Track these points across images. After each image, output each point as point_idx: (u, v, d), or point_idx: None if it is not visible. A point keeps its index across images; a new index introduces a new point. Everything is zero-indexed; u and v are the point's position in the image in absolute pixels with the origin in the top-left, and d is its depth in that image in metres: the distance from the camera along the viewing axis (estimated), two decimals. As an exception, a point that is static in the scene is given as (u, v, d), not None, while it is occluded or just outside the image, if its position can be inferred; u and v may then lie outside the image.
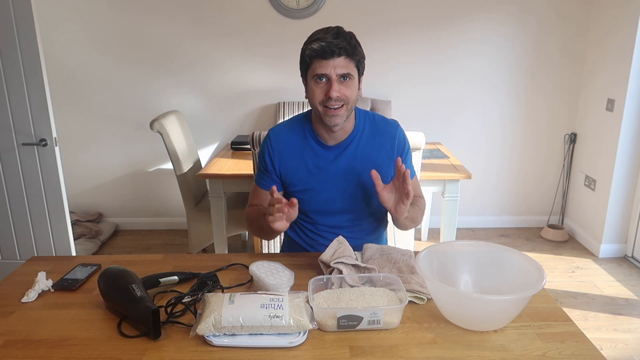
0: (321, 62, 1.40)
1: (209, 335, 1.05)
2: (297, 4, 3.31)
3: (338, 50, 1.37)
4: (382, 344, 1.06)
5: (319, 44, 1.38)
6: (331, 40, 1.38)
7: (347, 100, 1.43)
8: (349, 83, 1.43)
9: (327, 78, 1.41)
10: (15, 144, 2.49)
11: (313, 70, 1.42)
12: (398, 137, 1.58)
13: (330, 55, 1.38)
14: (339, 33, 1.40)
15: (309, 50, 1.40)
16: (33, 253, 2.66)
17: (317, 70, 1.41)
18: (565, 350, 1.05)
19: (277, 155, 1.57)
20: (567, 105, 3.57)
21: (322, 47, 1.38)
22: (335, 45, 1.37)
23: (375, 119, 1.60)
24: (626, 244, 3.30)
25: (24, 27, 2.32)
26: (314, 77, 1.42)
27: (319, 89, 1.43)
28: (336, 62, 1.39)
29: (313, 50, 1.39)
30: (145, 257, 1.50)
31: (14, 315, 1.18)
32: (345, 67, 1.40)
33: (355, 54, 1.42)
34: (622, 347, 2.33)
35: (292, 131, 1.58)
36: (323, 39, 1.38)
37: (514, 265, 1.19)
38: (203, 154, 3.63)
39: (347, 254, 1.32)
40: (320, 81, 1.42)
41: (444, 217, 2.69)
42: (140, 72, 3.46)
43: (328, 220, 1.60)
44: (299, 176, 1.56)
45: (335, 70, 1.39)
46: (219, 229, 2.73)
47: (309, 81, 1.45)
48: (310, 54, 1.40)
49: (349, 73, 1.41)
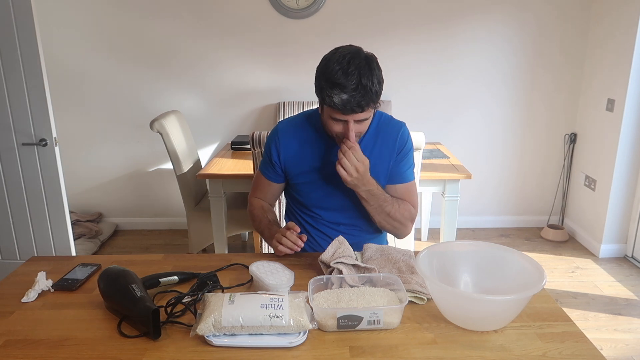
0: (340, 114, 1.37)
1: (209, 335, 1.05)
2: (297, 4, 3.31)
3: (359, 109, 1.35)
4: (382, 344, 1.06)
5: (339, 97, 1.32)
6: (352, 94, 1.32)
7: (361, 135, 1.47)
8: (366, 122, 1.44)
9: (345, 121, 1.40)
10: (15, 144, 2.49)
11: (330, 112, 1.39)
12: (400, 137, 1.58)
13: (351, 112, 1.36)
14: (360, 84, 1.32)
15: (328, 99, 1.35)
16: (33, 253, 2.65)
17: (335, 116, 1.39)
18: (565, 350, 1.04)
19: (284, 148, 1.58)
20: (567, 105, 3.57)
21: (343, 103, 1.33)
22: (357, 103, 1.33)
23: (382, 118, 1.60)
24: (626, 244, 3.30)
25: (24, 27, 2.32)
26: (331, 117, 1.40)
27: (336, 126, 1.42)
28: (356, 116, 1.38)
29: (333, 103, 1.34)
30: (145, 257, 1.50)
31: (13, 315, 1.18)
32: (364, 115, 1.39)
33: (375, 102, 1.38)
34: (622, 347, 2.33)
35: (301, 125, 1.59)
36: (344, 88, 1.32)
37: (514, 265, 1.19)
38: (203, 154, 3.63)
39: (347, 254, 1.32)
40: (337, 120, 1.41)
41: (444, 217, 2.69)
42: (141, 72, 3.46)
43: (328, 215, 1.61)
44: (303, 168, 1.57)
45: (353, 118, 1.38)
46: (219, 229, 2.73)
47: (325, 113, 1.43)
48: (330, 103, 1.35)
49: (367, 118, 1.42)
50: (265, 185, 1.66)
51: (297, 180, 1.59)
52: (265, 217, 1.61)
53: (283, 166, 1.59)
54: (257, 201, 1.68)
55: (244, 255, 1.49)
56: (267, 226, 1.57)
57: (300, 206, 1.66)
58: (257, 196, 1.69)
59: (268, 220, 1.59)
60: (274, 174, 1.62)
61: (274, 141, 1.59)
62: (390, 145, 1.57)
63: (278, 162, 1.59)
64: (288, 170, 1.60)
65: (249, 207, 1.69)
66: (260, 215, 1.62)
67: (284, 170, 1.60)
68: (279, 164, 1.59)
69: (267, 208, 1.66)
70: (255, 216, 1.64)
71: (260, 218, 1.61)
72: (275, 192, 1.68)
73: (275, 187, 1.66)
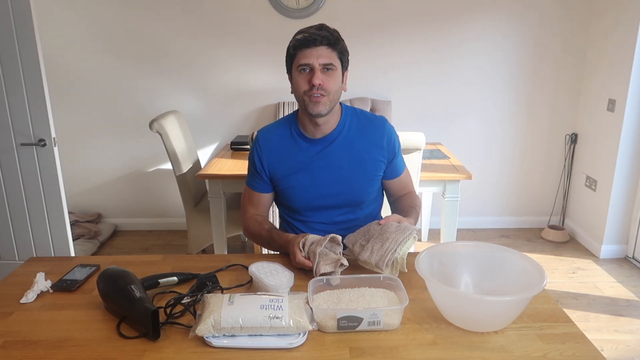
0: (304, 52, 1.44)
1: (208, 336, 1.05)
2: (297, 4, 3.31)
3: (320, 39, 1.43)
4: (382, 345, 1.06)
5: (302, 35, 1.45)
6: (314, 31, 1.44)
7: (329, 91, 1.46)
8: (331, 74, 1.46)
9: (310, 68, 1.44)
10: (14, 144, 2.48)
11: (297, 62, 1.46)
12: (387, 136, 1.59)
13: (313, 44, 1.43)
14: (322, 26, 1.46)
15: (293, 41, 1.47)
16: (32, 254, 2.65)
17: (301, 60, 1.45)
18: (566, 351, 1.04)
19: (266, 154, 1.58)
20: (568, 105, 3.57)
21: (305, 37, 1.43)
22: (318, 35, 1.43)
23: (362, 114, 1.62)
24: (627, 244, 3.30)
25: (23, 27, 2.32)
26: (298, 68, 1.46)
27: (302, 79, 1.46)
28: (319, 51, 1.43)
29: (297, 40, 1.45)
30: (144, 258, 1.50)
31: (12, 316, 1.17)
32: (327, 57, 1.44)
33: (338, 45, 1.46)
34: (623, 349, 2.32)
35: (278, 129, 1.61)
36: (306, 31, 1.46)
37: (514, 266, 1.19)
38: (202, 154, 3.62)
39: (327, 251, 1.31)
40: (303, 72, 1.46)
41: (444, 217, 2.68)
42: (140, 71, 3.45)
43: (320, 216, 1.61)
44: (287, 173, 1.57)
45: (318, 60, 1.43)
46: (218, 229, 2.73)
47: (294, 73, 1.49)
48: (294, 44, 1.46)
49: (332, 63, 1.45)
50: (255, 198, 1.63)
51: (283, 185, 1.58)
52: (262, 229, 1.56)
53: (268, 173, 1.59)
54: (250, 217, 1.63)
55: (243, 256, 1.48)
56: (268, 237, 1.53)
57: (292, 212, 1.64)
58: (249, 212, 1.64)
59: (267, 230, 1.55)
60: (261, 184, 1.61)
61: (255, 150, 1.60)
62: (376, 140, 1.58)
63: (263, 170, 1.59)
64: (273, 176, 1.59)
65: (245, 227, 1.63)
66: (257, 229, 1.58)
67: (269, 177, 1.60)
68: (264, 172, 1.59)
69: (261, 220, 1.62)
70: (253, 233, 1.59)
71: (258, 232, 1.57)
72: (266, 204, 1.66)
73: (266, 197, 1.64)
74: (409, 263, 1.31)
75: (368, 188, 1.60)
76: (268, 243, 1.55)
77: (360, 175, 1.57)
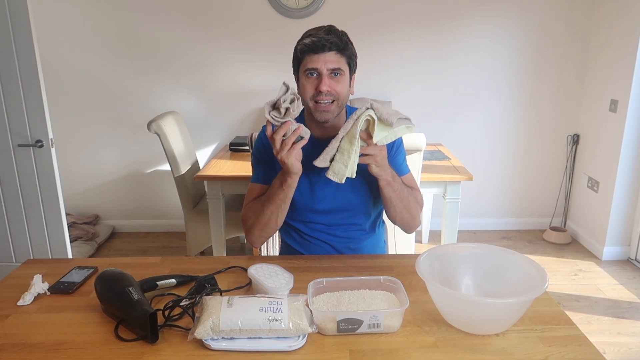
0: (312, 57, 1.41)
1: (207, 339, 1.04)
2: (297, 4, 3.30)
3: (329, 44, 1.39)
4: (382, 347, 1.05)
5: (310, 39, 1.41)
6: (323, 35, 1.40)
7: (337, 96, 1.44)
8: (339, 79, 1.44)
9: (318, 73, 1.42)
10: (11, 145, 2.47)
11: (304, 65, 1.43)
12: None
13: (321, 50, 1.40)
14: (330, 30, 1.43)
15: (301, 45, 1.43)
16: (29, 255, 2.64)
17: (308, 65, 1.42)
18: (568, 354, 1.03)
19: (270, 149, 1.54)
20: (569, 106, 3.56)
21: (313, 41, 1.40)
22: (327, 40, 1.39)
23: None
24: (629, 246, 3.29)
25: (20, 27, 2.31)
26: (305, 72, 1.44)
27: (310, 84, 1.44)
28: (327, 56, 1.40)
29: (305, 45, 1.41)
30: (142, 260, 1.49)
31: (9, 319, 1.16)
32: (336, 62, 1.42)
33: (346, 50, 1.43)
34: (625, 351, 2.31)
35: None
36: (315, 34, 1.41)
37: (516, 268, 1.18)
38: (201, 155, 3.61)
39: None
40: (311, 76, 1.43)
41: (445, 219, 2.68)
42: (138, 72, 3.45)
43: (322, 218, 1.59)
44: None
45: (326, 65, 1.41)
46: (217, 231, 2.72)
47: (301, 77, 1.47)
48: (302, 48, 1.43)
49: (340, 68, 1.42)
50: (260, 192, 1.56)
51: None
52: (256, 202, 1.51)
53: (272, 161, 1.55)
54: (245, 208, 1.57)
55: (242, 258, 1.48)
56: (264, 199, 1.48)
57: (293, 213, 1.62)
58: None
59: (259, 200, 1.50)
60: (266, 174, 1.56)
61: (260, 142, 1.58)
62: None
63: (267, 158, 1.56)
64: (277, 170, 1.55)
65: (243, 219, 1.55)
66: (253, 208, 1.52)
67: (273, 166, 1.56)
68: (268, 158, 1.55)
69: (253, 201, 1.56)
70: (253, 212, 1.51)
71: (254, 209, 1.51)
72: None
73: None
74: (410, 264, 1.30)
75: (370, 190, 1.59)
76: (267, 204, 1.46)
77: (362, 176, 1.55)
